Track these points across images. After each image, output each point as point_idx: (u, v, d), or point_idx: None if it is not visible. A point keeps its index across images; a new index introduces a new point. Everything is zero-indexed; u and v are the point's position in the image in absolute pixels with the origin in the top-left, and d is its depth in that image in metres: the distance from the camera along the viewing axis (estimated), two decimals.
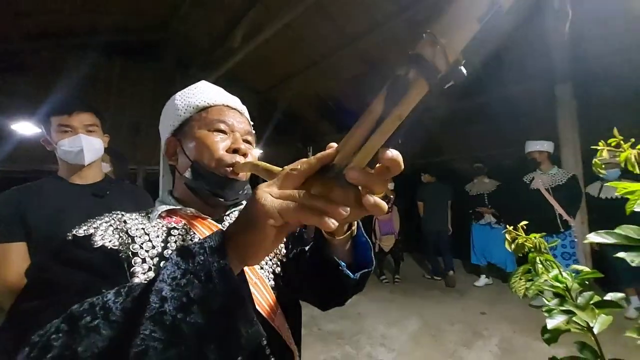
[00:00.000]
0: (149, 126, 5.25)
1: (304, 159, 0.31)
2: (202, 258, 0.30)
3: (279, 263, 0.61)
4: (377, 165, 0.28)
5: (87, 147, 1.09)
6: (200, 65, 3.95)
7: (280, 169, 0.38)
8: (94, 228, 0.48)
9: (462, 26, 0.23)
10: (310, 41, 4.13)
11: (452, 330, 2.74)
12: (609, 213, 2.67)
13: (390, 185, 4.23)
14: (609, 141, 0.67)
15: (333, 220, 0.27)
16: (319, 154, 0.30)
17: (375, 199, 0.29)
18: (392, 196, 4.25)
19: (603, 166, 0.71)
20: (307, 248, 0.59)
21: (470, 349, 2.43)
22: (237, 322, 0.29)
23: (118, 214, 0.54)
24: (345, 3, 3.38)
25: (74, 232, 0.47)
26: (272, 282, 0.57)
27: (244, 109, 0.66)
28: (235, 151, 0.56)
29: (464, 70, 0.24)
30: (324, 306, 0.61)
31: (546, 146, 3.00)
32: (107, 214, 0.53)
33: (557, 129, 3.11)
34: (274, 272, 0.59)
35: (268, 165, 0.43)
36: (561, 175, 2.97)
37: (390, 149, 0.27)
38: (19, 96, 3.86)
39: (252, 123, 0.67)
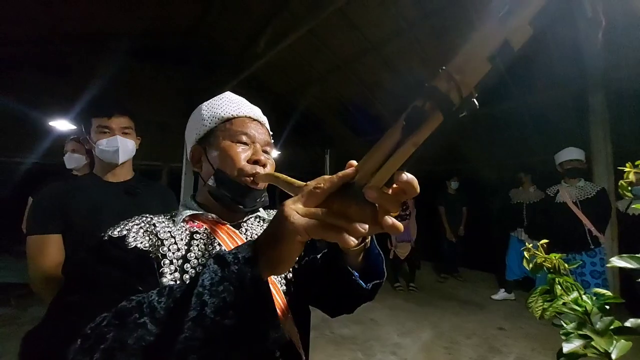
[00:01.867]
0: (175, 125, 5.50)
1: (327, 177, 0.34)
2: (237, 268, 0.33)
3: (291, 270, 0.64)
4: (394, 186, 0.31)
5: (122, 147, 1.17)
6: (225, 70, 4.08)
7: (300, 182, 0.41)
8: (127, 230, 0.52)
9: (474, 64, 0.25)
10: (332, 47, 4.16)
11: (467, 343, 2.66)
12: (638, 230, 2.50)
13: None
14: (636, 163, 0.66)
15: (352, 238, 0.30)
16: (340, 173, 0.33)
17: (393, 220, 0.31)
18: (410, 203, 4.21)
19: (629, 188, 0.69)
20: (319, 256, 0.62)
21: None
22: (266, 326, 0.33)
23: (147, 217, 0.58)
24: (369, 10, 3.39)
25: (109, 233, 0.51)
26: (284, 287, 0.60)
27: (264, 119, 0.70)
28: (256, 162, 0.60)
29: (477, 103, 0.26)
30: (334, 313, 0.64)
31: (582, 155, 2.78)
32: (137, 217, 0.57)
33: (589, 140, 2.96)
34: (286, 278, 0.62)
35: (288, 178, 0.46)
36: (590, 188, 2.79)
37: (406, 173, 0.29)
38: (58, 96, 4.15)
39: (271, 133, 0.70)
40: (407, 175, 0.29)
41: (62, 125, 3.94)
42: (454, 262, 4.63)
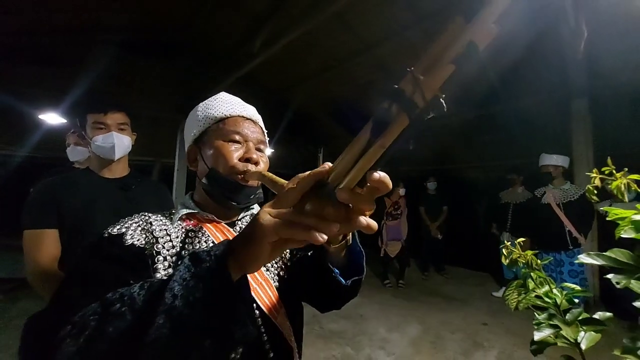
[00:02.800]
0: (167, 120, 5.45)
1: (301, 174, 0.34)
2: (208, 265, 0.35)
3: (283, 267, 0.67)
4: (367, 185, 0.31)
5: (118, 143, 1.18)
6: (220, 67, 4.07)
7: (283, 181, 0.43)
8: (126, 227, 0.55)
9: (438, 67, 0.25)
10: (327, 46, 4.20)
11: (452, 338, 2.76)
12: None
13: (402, 191, 4.28)
14: (602, 169, 0.72)
15: (323, 235, 0.31)
16: (313, 171, 0.33)
17: (367, 220, 0.33)
18: (402, 202, 4.30)
19: (595, 192, 0.75)
20: (309, 254, 0.64)
21: (469, 358, 2.45)
22: (232, 322, 0.34)
23: (146, 215, 0.60)
24: (364, 12, 3.44)
25: (109, 231, 0.54)
26: (277, 284, 0.63)
27: (258, 118, 0.72)
28: (248, 160, 0.62)
29: (444, 104, 0.26)
30: (322, 308, 0.67)
31: (561, 161, 2.97)
32: (137, 215, 0.60)
33: (571, 144, 3.09)
34: (278, 275, 0.64)
35: (274, 176, 0.47)
36: (574, 191, 2.92)
37: (378, 172, 0.29)
38: (47, 88, 4.07)
39: (265, 131, 0.72)
40: (379, 174, 0.29)
41: (52, 118, 3.87)
42: (441, 260, 4.76)
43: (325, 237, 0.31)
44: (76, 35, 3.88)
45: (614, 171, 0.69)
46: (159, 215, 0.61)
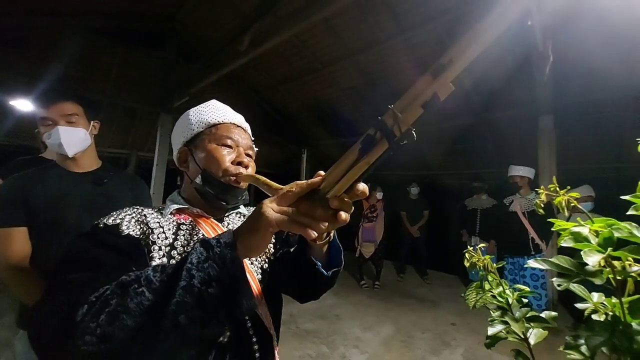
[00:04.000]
0: (145, 112, 5.27)
1: (298, 182, 0.43)
2: (219, 250, 0.42)
3: (266, 261, 0.72)
4: (351, 193, 0.41)
5: (65, 138, 1.07)
6: (204, 62, 4.00)
7: (277, 185, 0.51)
8: (120, 219, 0.58)
9: (412, 108, 0.35)
10: (313, 49, 4.25)
11: (422, 337, 2.88)
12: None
13: (379, 195, 4.39)
14: (549, 186, 0.81)
15: (314, 232, 0.40)
16: (309, 181, 0.43)
17: (346, 215, 0.42)
18: (378, 206, 4.41)
19: (542, 206, 0.85)
20: (292, 250, 0.70)
21: (438, 356, 2.58)
22: (241, 295, 0.42)
23: (138, 208, 0.64)
24: (351, 20, 3.53)
25: (104, 221, 0.57)
26: (260, 276, 0.68)
27: (247, 126, 0.77)
28: (239, 163, 0.67)
29: (414, 135, 0.36)
30: (302, 299, 0.73)
31: (527, 172, 3.21)
32: (129, 208, 0.63)
33: (537, 157, 3.32)
34: (262, 268, 0.70)
35: (267, 180, 0.54)
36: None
37: (361, 183, 0.40)
38: (18, 73, 3.84)
39: (252, 139, 0.78)
40: (362, 185, 0.40)
41: (23, 104, 3.66)
42: (424, 265, 4.79)
43: (316, 234, 0.40)
44: (51, 18, 3.68)
45: (557, 188, 0.79)
46: (151, 210, 0.65)
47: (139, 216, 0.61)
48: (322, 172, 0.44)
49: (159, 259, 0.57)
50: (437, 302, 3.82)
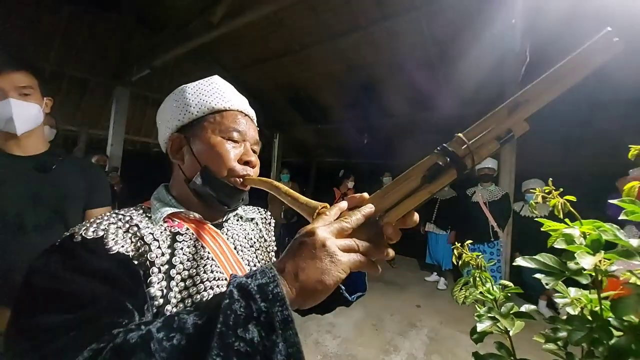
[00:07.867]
0: (98, 85, 4.73)
1: (351, 212, 0.37)
2: (265, 305, 0.29)
3: (267, 262, 0.65)
4: (402, 221, 0.37)
5: (18, 113, 0.93)
6: (170, 33, 3.62)
7: (307, 199, 0.43)
8: (103, 230, 0.44)
9: (486, 141, 0.33)
10: (290, 29, 4.05)
11: (391, 320, 3.04)
12: (526, 229, 3.18)
13: (350, 184, 4.43)
14: (544, 188, 0.84)
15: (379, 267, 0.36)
16: (365, 212, 0.37)
17: (392, 252, 0.38)
18: (350, 194, 4.45)
19: (536, 206, 0.88)
20: None
21: (405, 337, 2.74)
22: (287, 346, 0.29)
23: (124, 214, 0.50)
24: (333, 0, 3.39)
25: (81, 233, 0.42)
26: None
27: (253, 114, 0.65)
28: (247, 163, 0.57)
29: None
30: (304, 313, 0.63)
31: (495, 164, 3.45)
32: (110, 214, 0.49)
33: (499, 152, 3.55)
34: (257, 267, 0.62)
35: (290, 190, 0.46)
36: (497, 192, 3.41)
37: (416, 214, 0.37)
38: None
39: (258, 128, 0.66)
40: (416, 216, 0.37)
41: None
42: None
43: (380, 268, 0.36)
44: None
45: (553, 190, 0.82)
46: (136, 213, 0.52)
47: (128, 226, 0.48)
48: (365, 195, 0.39)
49: (158, 283, 0.45)
50: (405, 285, 4.04)
